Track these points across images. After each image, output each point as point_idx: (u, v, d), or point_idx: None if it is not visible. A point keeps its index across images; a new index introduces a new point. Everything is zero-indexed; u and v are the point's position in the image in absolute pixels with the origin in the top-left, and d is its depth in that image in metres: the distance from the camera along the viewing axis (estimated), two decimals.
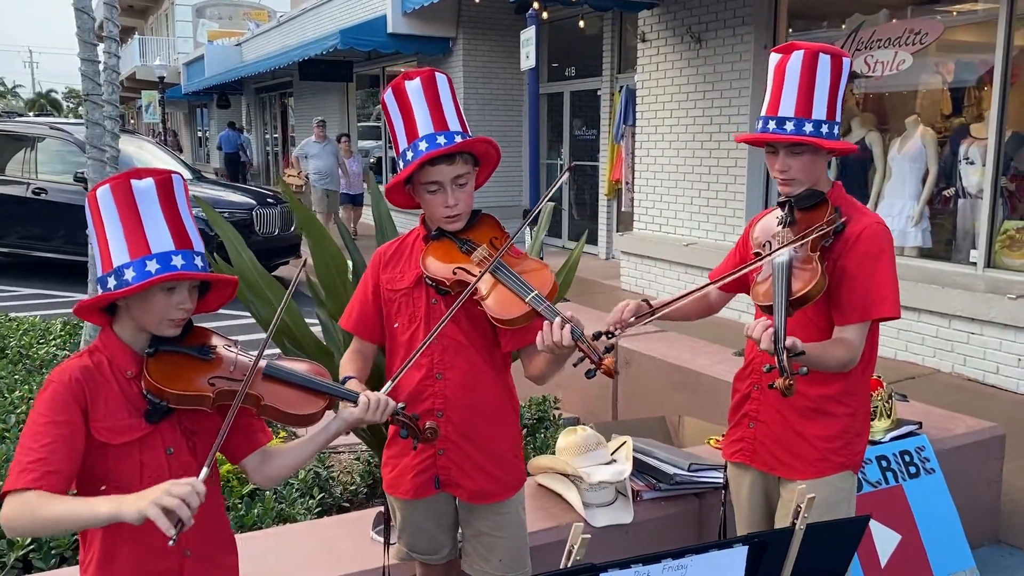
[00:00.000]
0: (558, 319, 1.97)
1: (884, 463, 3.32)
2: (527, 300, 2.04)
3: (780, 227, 2.32)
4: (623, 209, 9.87)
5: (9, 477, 1.56)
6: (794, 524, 1.59)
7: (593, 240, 10.85)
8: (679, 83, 8.23)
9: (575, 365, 1.99)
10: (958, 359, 5.82)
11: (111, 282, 1.70)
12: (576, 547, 1.34)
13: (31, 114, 33.27)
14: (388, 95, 2.21)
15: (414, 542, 2.38)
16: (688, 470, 2.96)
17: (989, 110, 5.90)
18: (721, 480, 3.00)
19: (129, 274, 1.68)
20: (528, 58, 8.50)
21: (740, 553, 1.52)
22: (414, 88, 2.17)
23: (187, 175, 8.79)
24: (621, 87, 9.91)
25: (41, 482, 1.54)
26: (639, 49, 8.64)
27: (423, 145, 2.13)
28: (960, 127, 6.37)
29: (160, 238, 1.70)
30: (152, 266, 1.67)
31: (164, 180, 1.73)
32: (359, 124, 18.29)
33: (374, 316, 2.30)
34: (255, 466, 1.89)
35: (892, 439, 3.40)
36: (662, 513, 2.96)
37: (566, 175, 2.85)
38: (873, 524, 3.16)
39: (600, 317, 2.56)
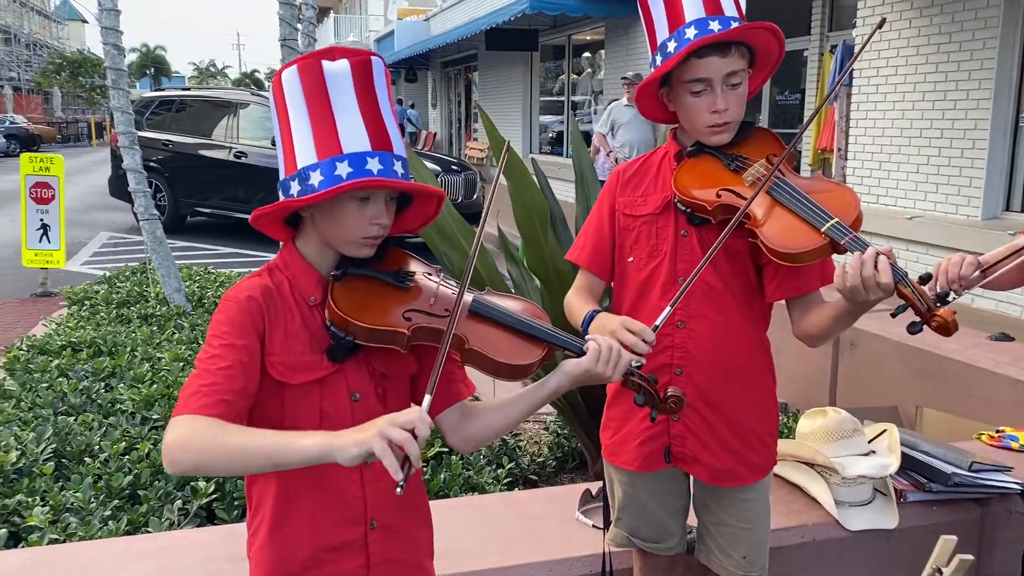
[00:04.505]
0: (871, 250, 1.50)
1: None
2: (824, 230, 1.56)
3: None
4: (832, 178, 8.98)
5: (180, 400, 1.28)
6: None
7: None
8: (907, 36, 7.27)
9: (893, 316, 1.52)
10: None
11: (294, 187, 1.39)
12: (950, 571, 0.86)
13: None
14: None
15: (636, 525, 1.97)
16: (969, 470, 2.37)
17: None
18: (1011, 485, 2.40)
19: (315, 178, 1.36)
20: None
21: None
22: None
23: None
24: (833, 46, 8.98)
25: (214, 409, 1.25)
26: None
27: (691, 32, 1.69)
28: None
29: (354, 136, 1.36)
30: (343, 169, 1.34)
31: (362, 62, 1.38)
32: (541, 99, 18.01)
33: (609, 247, 1.89)
34: (452, 424, 1.51)
35: None
36: (933, 520, 2.38)
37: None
38: None
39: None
